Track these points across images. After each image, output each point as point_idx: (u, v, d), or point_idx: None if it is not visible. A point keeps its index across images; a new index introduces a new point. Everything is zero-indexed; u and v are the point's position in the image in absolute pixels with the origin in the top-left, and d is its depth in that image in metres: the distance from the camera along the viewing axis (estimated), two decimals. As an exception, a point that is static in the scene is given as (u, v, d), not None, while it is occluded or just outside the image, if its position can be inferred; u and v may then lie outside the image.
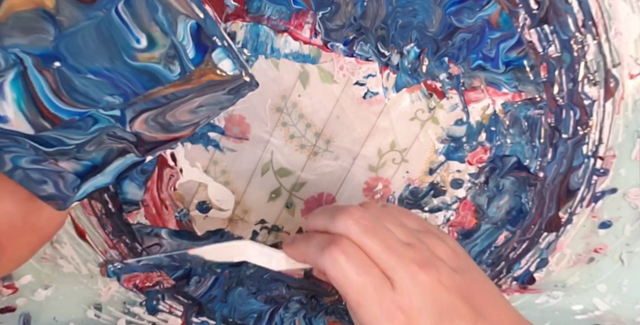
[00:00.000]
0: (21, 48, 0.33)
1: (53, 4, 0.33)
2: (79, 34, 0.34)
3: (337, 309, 0.69)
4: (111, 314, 0.66)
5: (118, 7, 0.34)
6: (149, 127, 0.39)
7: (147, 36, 0.35)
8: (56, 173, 0.38)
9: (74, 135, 0.37)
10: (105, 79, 0.36)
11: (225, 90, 0.39)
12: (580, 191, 0.65)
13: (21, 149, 0.36)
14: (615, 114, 0.61)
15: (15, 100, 0.35)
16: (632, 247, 0.67)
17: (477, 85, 0.60)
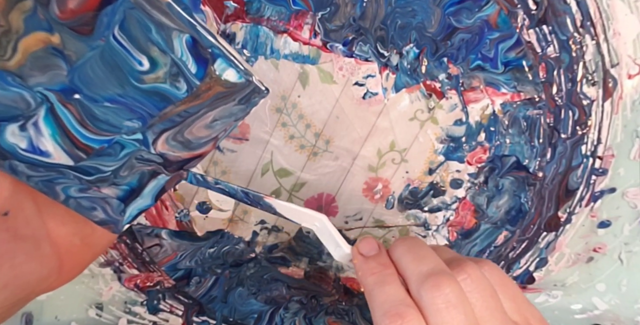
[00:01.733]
0: (43, 86, 0.35)
1: (59, 40, 0.34)
2: (87, 64, 0.36)
3: (337, 309, 0.69)
4: (112, 313, 0.66)
5: (115, 34, 0.35)
6: (171, 147, 0.41)
7: (147, 57, 0.37)
8: (102, 199, 0.40)
9: (107, 162, 0.39)
10: (121, 104, 0.38)
11: (235, 101, 0.40)
12: (579, 191, 0.65)
13: (67, 180, 0.39)
14: (613, 114, 0.62)
15: (52, 136, 0.37)
16: (631, 247, 0.67)
17: (476, 85, 0.60)
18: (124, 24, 0.35)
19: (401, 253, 0.44)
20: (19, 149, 0.37)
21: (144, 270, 0.65)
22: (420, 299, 0.40)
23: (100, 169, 0.40)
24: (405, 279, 0.43)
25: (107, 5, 0.35)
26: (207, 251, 0.66)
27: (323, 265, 0.67)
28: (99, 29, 0.35)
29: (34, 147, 0.37)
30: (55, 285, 0.43)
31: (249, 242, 0.66)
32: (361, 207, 0.65)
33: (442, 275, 0.40)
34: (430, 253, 0.44)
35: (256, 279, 0.67)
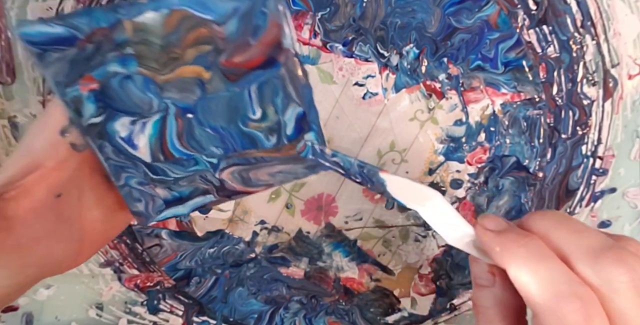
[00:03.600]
0: (172, 100, 0.42)
1: (209, 77, 0.41)
2: (215, 99, 0.43)
3: (337, 309, 0.69)
4: (113, 313, 0.66)
5: (251, 88, 0.43)
6: (233, 178, 0.47)
7: (262, 111, 0.44)
8: (150, 196, 0.45)
9: (176, 170, 0.45)
10: (218, 134, 0.44)
11: (304, 165, 0.47)
12: (580, 191, 0.65)
13: (136, 172, 0.44)
14: (614, 114, 0.62)
15: (150, 136, 0.43)
16: (632, 247, 0.67)
17: (476, 85, 0.60)
18: (262, 84, 0.43)
19: (550, 225, 0.37)
20: (118, 136, 0.42)
21: (144, 271, 0.65)
22: (594, 277, 0.33)
23: (167, 173, 0.45)
24: (564, 254, 0.35)
25: (260, 69, 0.42)
26: (207, 251, 0.66)
27: (323, 265, 0.67)
28: (243, 81, 0.42)
29: (130, 138, 0.42)
30: (67, 268, 0.45)
31: (249, 242, 0.66)
32: (361, 207, 0.65)
33: (621, 250, 0.33)
34: (586, 226, 0.37)
35: (256, 279, 0.67)
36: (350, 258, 0.67)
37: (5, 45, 0.55)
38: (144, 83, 0.40)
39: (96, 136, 0.41)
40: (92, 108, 0.40)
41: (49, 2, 0.54)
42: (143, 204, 0.46)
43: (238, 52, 0.41)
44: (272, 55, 0.41)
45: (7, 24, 0.54)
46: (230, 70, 0.41)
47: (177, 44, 0.40)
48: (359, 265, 0.68)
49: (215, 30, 0.39)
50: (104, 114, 0.41)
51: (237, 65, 0.41)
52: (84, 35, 0.37)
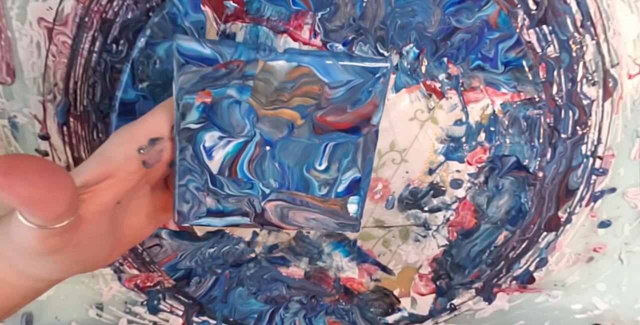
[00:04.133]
0: (261, 131, 0.47)
1: (301, 123, 0.48)
2: (295, 142, 0.49)
3: (337, 309, 0.69)
4: (113, 313, 0.66)
5: (328, 144, 0.49)
6: (274, 211, 0.52)
7: (327, 166, 0.50)
8: (199, 202, 0.50)
9: (232, 188, 0.50)
10: (282, 170, 0.50)
11: (337, 221, 0.53)
12: (580, 191, 0.65)
13: (199, 178, 0.48)
14: (614, 114, 0.62)
15: (227, 153, 0.48)
16: (632, 247, 0.67)
17: (476, 85, 0.60)
18: (338, 144, 0.49)
19: None
20: (203, 144, 0.47)
21: (144, 271, 0.65)
22: None
23: (224, 188, 0.49)
24: None
25: (344, 132, 0.49)
26: (207, 251, 0.66)
27: (323, 265, 0.67)
28: (325, 136, 0.49)
29: (211, 150, 0.47)
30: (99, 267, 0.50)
31: (249, 242, 0.66)
32: (361, 207, 0.65)
33: None
34: None
35: (256, 279, 0.67)
36: (350, 258, 0.67)
37: (5, 45, 0.55)
38: (247, 111, 0.46)
39: (185, 139, 0.46)
40: (196, 116, 0.46)
41: (49, 2, 0.54)
42: (189, 206, 0.50)
43: (333, 113, 0.48)
44: (359, 125, 0.49)
45: (7, 24, 0.54)
46: (320, 125, 0.48)
47: (289, 91, 0.46)
48: (359, 265, 0.68)
49: (325, 91, 0.46)
50: (202, 124, 0.46)
51: (327, 123, 0.48)
52: (224, 61, 0.44)
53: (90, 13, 0.54)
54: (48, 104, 0.57)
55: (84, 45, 0.56)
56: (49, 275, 0.45)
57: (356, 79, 0.46)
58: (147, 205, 0.51)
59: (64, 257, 0.42)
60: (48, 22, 0.54)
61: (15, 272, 0.44)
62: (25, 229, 0.38)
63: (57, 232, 0.38)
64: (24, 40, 0.55)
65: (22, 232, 0.38)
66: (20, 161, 0.34)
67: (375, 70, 0.46)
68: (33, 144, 0.59)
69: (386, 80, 0.47)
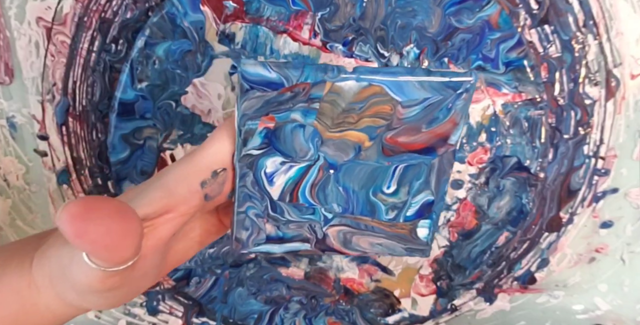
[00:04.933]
0: (325, 155, 0.44)
1: (368, 146, 0.44)
2: (361, 165, 0.45)
3: (337, 310, 0.69)
4: (112, 315, 0.66)
5: (398, 166, 0.45)
6: (336, 236, 0.48)
7: (396, 188, 0.46)
8: (258, 229, 0.47)
9: (293, 214, 0.46)
10: (346, 195, 0.46)
11: (405, 246, 0.49)
12: (581, 191, 0.65)
13: (259, 204, 0.46)
14: (616, 114, 0.61)
15: (289, 178, 0.45)
16: (633, 247, 0.67)
17: (477, 85, 0.60)
18: (410, 166, 0.45)
19: None
20: (264, 170, 0.44)
21: (143, 271, 0.65)
22: None
23: (284, 214, 0.46)
24: None
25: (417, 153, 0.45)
26: (207, 252, 0.66)
27: (323, 265, 0.67)
28: (395, 158, 0.45)
29: (272, 175, 0.45)
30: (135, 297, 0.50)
31: (249, 242, 0.66)
32: (362, 207, 0.65)
33: None
34: None
35: (256, 279, 0.67)
36: (350, 258, 0.67)
37: (4, 45, 0.55)
38: (312, 135, 0.43)
39: (246, 165, 0.44)
40: (258, 142, 0.43)
41: (48, 1, 0.54)
42: (248, 233, 0.47)
43: (406, 133, 0.44)
44: (434, 145, 0.44)
45: (5, 23, 0.54)
46: (390, 146, 0.44)
47: (357, 112, 0.43)
48: (359, 266, 0.68)
49: (397, 110, 0.42)
50: (264, 149, 0.44)
51: (399, 144, 0.44)
52: (289, 85, 0.41)
53: (89, 13, 0.54)
54: (47, 104, 0.57)
55: (82, 45, 0.56)
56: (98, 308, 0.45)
57: (434, 96, 0.42)
58: (195, 230, 0.49)
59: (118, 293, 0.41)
60: (47, 22, 0.54)
61: (61, 303, 0.43)
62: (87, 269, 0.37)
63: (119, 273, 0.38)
64: (23, 39, 0.55)
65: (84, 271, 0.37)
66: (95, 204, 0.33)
67: (457, 86, 0.42)
68: (32, 144, 0.59)
69: (469, 95, 0.43)
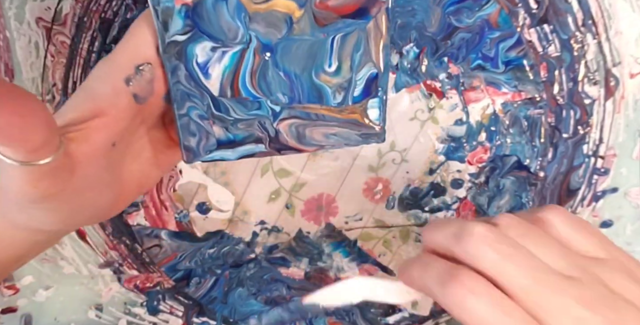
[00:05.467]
0: (257, 33, 0.41)
1: (299, 16, 0.41)
2: (297, 42, 0.42)
3: (337, 310, 0.69)
4: (112, 314, 0.66)
5: (336, 37, 0.42)
6: (289, 131, 0.46)
7: (338, 65, 0.44)
8: (206, 132, 0.44)
9: (239, 111, 0.44)
10: (289, 80, 0.44)
11: (359, 133, 0.47)
12: (581, 190, 0.65)
13: (200, 103, 0.43)
14: (615, 113, 0.62)
15: (225, 67, 0.42)
16: (634, 247, 0.67)
17: (477, 85, 0.60)
18: (347, 35, 0.42)
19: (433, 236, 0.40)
20: (196, 60, 0.41)
21: (143, 271, 0.65)
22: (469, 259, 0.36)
23: (229, 112, 0.44)
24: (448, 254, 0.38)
25: (350, 18, 0.42)
26: (207, 252, 0.66)
27: (323, 265, 0.67)
28: (330, 28, 0.42)
29: (205, 66, 0.42)
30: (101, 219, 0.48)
31: (249, 242, 0.66)
32: (361, 207, 0.65)
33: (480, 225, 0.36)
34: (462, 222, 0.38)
35: (256, 279, 0.67)
36: (350, 258, 0.67)
37: (4, 45, 0.55)
38: (236, 8, 0.40)
39: (174, 56, 0.41)
40: (180, 24, 0.40)
41: (48, 2, 0.54)
42: (196, 139, 0.45)
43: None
44: (366, 5, 0.42)
45: (5, 24, 0.54)
46: (322, 14, 0.41)
47: None
48: (359, 266, 0.68)
49: None
50: (189, 34, 0.41)
51: (330, 9, 0.41)
52: None
53: (89, 13, 0.54)
54: (47, 104, 0.57)
55: (82, 45, 0.56)
56: (47, 226, 0.41)
57: None
58: (146, 149, 0.46)
59: (60, 204, 0.38)
60: (46, 22, 0.54)
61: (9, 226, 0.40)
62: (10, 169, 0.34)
63: (47, 173, 0.35)
64: (23, 40, 0.55)
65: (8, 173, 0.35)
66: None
67: None
68: (32, 145, 0.59)
69: None
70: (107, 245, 0.63)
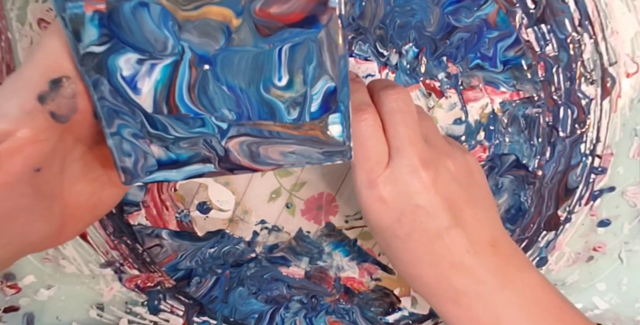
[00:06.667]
0: (190, 44, 0.37)
1: (237, 25, 0.37)
2: (239, 53, 0.38)
3: (337, 309, 0.69)
4: (113, 313, 0.66)
5: (283, 48, 0.38)
6: (240, 150, 0.42)
7: (289, 78, 0.40)
8: (143, 152, 0.41)
9: (179, 128, 0.40)
10: (234, 95, 0.40)
11: (321, 150, 0.43)
12: (579, 189, 0.65)
13: (132, 121, 0.39)
14: (612, 113, 0.62)
15: (156, 81, 0.38)
16: (631, 246, 0.67)
17: (476, 84, 0.60)
18: (296, 46, 0.38)
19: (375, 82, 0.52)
20: (120, 73, 0.37)
21: (144, 271, 0.65)
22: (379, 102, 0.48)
23: (168, 130, 0.40)
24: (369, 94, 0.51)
25: (298, 27, 0.38)
26: (208, 251, 0.66)
27: (323, 264, 0.67)
28: (275, 38, 0.38)
29: (133, 80, 0.38)
30: (48, 246, 0.43)
31: (250, 242, 0.66)
32: (361, 206, 0.65)
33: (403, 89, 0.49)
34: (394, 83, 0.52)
35: (257, 278, 0.67)
36: (350, 257, 0.68)
37: (6, 47, 0.55)
38: (161, 15, 0.36)
39: (93, 69, 0.37)
40: (95, 33, 0.36)
41: (49, 3, 0.54)
42: (133, 159, 0.41)
43: (276, 1, 0.37)
44: (315, 12, 0.37)
45: (7, 25, 0.54)
46: (264, 22, 0.37)
47: None
48: (359, 265, 0.68)
49: None
50: (108, 44, 0.36)
51: (273, 17, 0.37)
52: None
53: (90, 14, 0.55)
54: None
55: (83, 45, 0.56)
56: None
57: None
58: (91, 168, 0.43)
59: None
60: (48, 24, 0.54)
61: None
62: None
63: None
64: (24, 41, 0.55)
65: None
66: None
67: None
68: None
69: None
70: (108, 245, 0.63)
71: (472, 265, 0.47)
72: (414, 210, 0.46)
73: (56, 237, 0.42)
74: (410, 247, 0.48)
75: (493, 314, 0.47)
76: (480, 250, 0.48)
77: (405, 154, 0.46)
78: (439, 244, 0.47)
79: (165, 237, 0.64)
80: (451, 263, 0.47)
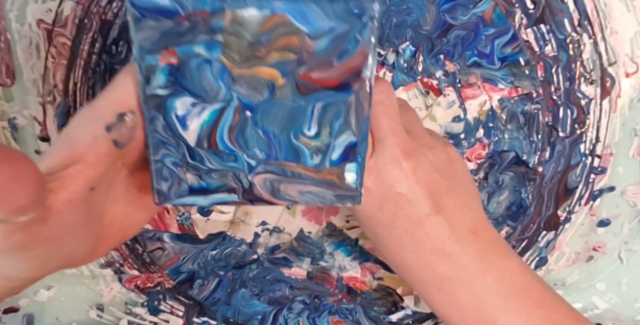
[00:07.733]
0: (238, 94, 0.42)
1: (282, 83, 0.42)
2: (278, 105, 0.43)
3: (340, 309, 0.69)
4: (113, 314, 0.66)
5: (316, 105, 0.43)
6: (263, 185, 0.46)
7: (317, 130, 0.44)
8: (178, 179, 0.45)
9: (213, 161, 0.45)
10: (267, 139, 0.44)
11: (334, 193, 0.47)
12: (579, 189, 0.65)
13: (175, 151, 0.44)
14: (612, 113, 0.62)
15: (204, 121, 0.43)
16: (631, 245, 0.67)
17: (474, 81, 0.60)
18: (328, 105, 0.43)
19: None
20: (175, 112, 0.42)
21: (144, 271, 0.65)
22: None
23: (204, 162, 0.45)
24: None
25: (332, 90, 0.43)
26: (210, 254, 0.66)
27: (325, 265, 0.67)
28: (311, 97, 0.43)
29: (184, 118, 0.43)
30: (81, 263, 0.46)
31: (251, 243, 0.66)
32: (362, 206, 0.65)
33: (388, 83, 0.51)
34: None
35: (259, 280, 0.67)
36: (352, 257, 0.68)
37: (5, 47, 0.55)
38: (220, 71, 0.41)
39: (154, 107, 0.42)
40: (163, 80, 0.41)
41: (49, 4, 0.54)
42: (168, 184, 0.45)
43: (318, 69, 0.42)
44: (348, 81, 0.43)
45: (6, 26, 0.54)
46: (304, 84, 0.43)
47: (265, 45, 0.41)
48: (361, 264, 0.68)
49: (306, 42, 0.41)
50: (171, 89, 0.41)
51: (313, 81, 0.43)
52: (185, 13, 0.39)
53: (89, 14, 0.55)
54: (48, 106, 0.58)
55: (83, 46, 0.56)
56: (19, 275, 0.39)
57: (340, 25, 0.41)
58: (129, 192, 0.47)
59: (34, 254, 0.37)
60: (47, 24, 0.55)
61: None
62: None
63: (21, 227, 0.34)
64: (24, 42, 0.55)
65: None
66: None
67: (360, 12, 0.40)
68: (33, 146, 0.59)
69: (375, 25, 0.41)
70: (108, 246, 0.63)
71: (453, 252, 0.49)
72: (396, 198, 0.48)
73: (89, 255, 0.45)
74: (394, 234, 0.50)
75: (475, 300, 0.50)
76: (461, 236, 0.50)
77: (387, 145, 0.48)
78: (420, 231, 0.49)
79: (166, 240, 0.64)
80: (433, 250, 0.49)
